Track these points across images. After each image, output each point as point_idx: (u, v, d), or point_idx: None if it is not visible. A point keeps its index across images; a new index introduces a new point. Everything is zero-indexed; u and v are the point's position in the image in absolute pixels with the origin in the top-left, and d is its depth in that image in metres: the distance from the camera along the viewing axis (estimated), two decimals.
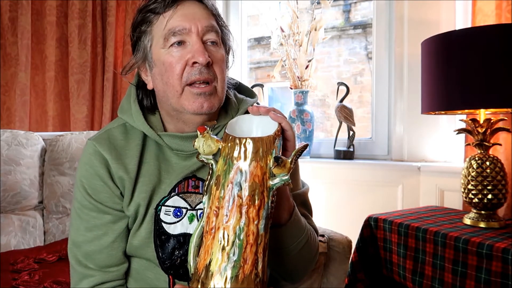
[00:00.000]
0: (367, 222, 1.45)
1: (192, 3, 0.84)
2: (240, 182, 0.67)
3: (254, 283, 0.64)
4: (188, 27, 0.82)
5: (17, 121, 2.20)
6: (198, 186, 0.88)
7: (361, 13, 2.74)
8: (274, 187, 0.68)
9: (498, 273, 1.06)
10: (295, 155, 0.70)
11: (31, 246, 1.63)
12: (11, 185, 1.63)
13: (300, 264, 0.91)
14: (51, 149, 1.74)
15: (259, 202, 0.66)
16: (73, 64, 2.34)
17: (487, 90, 1.20)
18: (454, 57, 1.24)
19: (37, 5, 2.30)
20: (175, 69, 0.82)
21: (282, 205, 0.79)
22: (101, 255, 0.87)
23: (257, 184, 0.67)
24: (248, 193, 0.66)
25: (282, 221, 0.81)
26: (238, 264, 0.64)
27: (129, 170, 0.85)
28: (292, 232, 0.83)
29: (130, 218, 0.87)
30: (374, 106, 2.08)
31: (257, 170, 0.67)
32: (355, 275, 1.40)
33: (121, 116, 0.91)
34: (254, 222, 0.65)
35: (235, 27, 2.61)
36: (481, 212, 1.29)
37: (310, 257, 0.93)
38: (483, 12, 1.54)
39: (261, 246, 0.66)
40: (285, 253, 0.85)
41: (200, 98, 0.82)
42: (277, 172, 0.67)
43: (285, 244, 0.84)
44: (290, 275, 0.93)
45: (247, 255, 0.64)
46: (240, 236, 0.65)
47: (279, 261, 0.86)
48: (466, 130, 1.34)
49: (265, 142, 0.69)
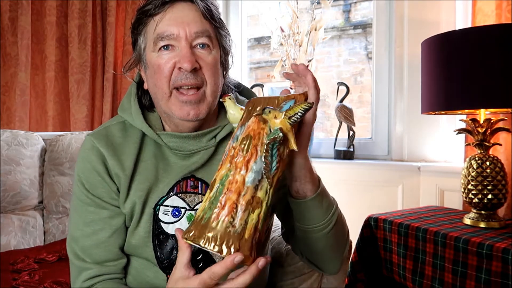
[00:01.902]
0: (367, 222, 1.45)
1: (184, 5, 0.82)
2: (238, 135, 0.68)
3: (225, 231, 0.61)
4: (176, 33, 0.80)
5: (17, 121, 2.20)
6: (197, 186, 0.87)
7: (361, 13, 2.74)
8: (268, 141, 0.64)
9: (498, 273, 1.06)
10: (293, 111, 0.66)
11: (31, 246, 1.62)
12: (11, 185, 1.63)
13: (335, 246, 0.87)
14: (51, 149, 1.74)
15: (250, 154, 0.65)
16: (73, 64, 2.34)
17: (487, 90, 1.20)
18: (454, 57, 1.24)
19: (37, 5, 2.30)
20: (163, 72, 0.81)
21: (304, 176, 0.78)
22: (97, 250, 0.87)
23: (250, 136, 0.66)
24: (239, 143, 0.66)
25: (309, 193, 0.79)
26: (214, 207, 0.63)
27: (125, 167, 0.85)
28: (322, 205, 0.81)
29: (127, 216, 0.87)
30: (374, 106, 2.08)
31: (254, 124, 0.67)
32: (355, 275, 1.40)
33: (121, 114, 0.91)
34: (240, 172, 0.64)
35: (235, 27, 2.61)
36: (481, 212, 1.29)
37: (343, 239, 0.90)
38: (483, 12, 1.54)
39: (244, 198, 0.63)
40: (317, 231, 0.82)
41: (186, 106, 0.82)
42: (273, 125, 0.66)
43: (316, 219, 0.81)
44: (325, 260, 0.90)
45: (225, 200, 0.63)
46: (224, 182, 0.64)
47: (311, 244, 0.85)
48: (466, 130, 1.34)
49: (271, 100, 0.69)
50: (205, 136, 0.87)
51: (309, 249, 0.88)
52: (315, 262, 0.91)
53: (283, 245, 1.16)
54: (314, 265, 0.92)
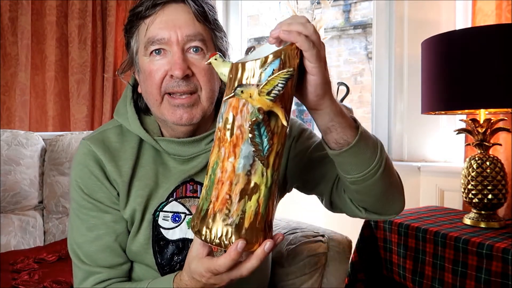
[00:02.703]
0: (367, 222, 1.45)
1: (176, 8, 0.79)
2: (222, 113, 0.59)
3: (223, 224, 0.58)
4: (167, 37, 0.77)
5: (17, 121, 2.20)
6: (196, 190, 0.85)
7: (361, 13, 2.74)
8: (252, 120, 0.56)
9: (498, 273, 1.06)
10: (271, 84, 0.55)
11: (31, 246, 1.62)
12: (11, 185, 1.63)
13: (394, 181, 0.79)
14: (51, 149, 1.74)
15: (235, 137, 0.57)
16: (73, 64, 2.34)
17: (487, 90, 1.20)
18: (454, 57, 1.24)
19: (37, 5, 2.29)
20: (154, 79, 0.78)
21: (339, 124, 0.67)
22: (103, 255, 0.84)
23: (232, 116, 0.57)
24: (223, 126, 0.58)
25: (350, 138, 0.68)
26: (209, 198, 0.60)
27: (122, 173, 0.82)
28: (368, 144, 0.71)
29: (128, 222, 0.85)
30: (374, 106, 2.08)
31: (235, 100, 0.57)
32: (355, 275, 1.40)
33: (117, 118, 0.88)
34: (229, 159, 0.58)
35: (235, 27, 2.61)
36: (481, 212, 1.29)
37: (397, 174, 0.81)
38: (483, 12, 1.54)
39: (237, 187, 0.58)
40: (372, 174, 0.72)
41: (179, 110, 0.78)
42: (250, 103, 0.56)
43: (369, 161, 0.71)
44: (390, 201, 0.81)
45: (217, 193, 0.59)
46: (215, 171, 0.59)
47: (371, 190, 0.75)
48: (466, 130, 1.34)
49: (248, 67, 0.56)
50: (204, 140, 0.85)
51: (369, 198, 0.79)
52: (378, 210, 0.82)
53: (284, 245, 1.16)
54: (377, 214, 0.83)
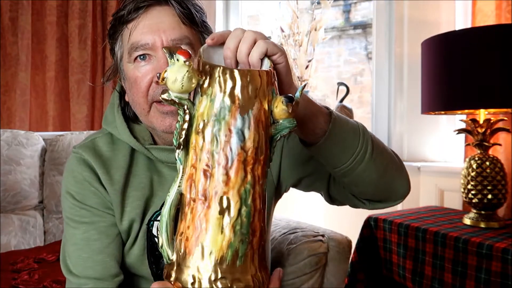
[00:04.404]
0: (367, 222, 1.45)
1: (160, 10, 0.74)
2: (242, 129, 0.50)
3: (261, 262, 0.52)
4: (152, 42, 0.73)
5: (17, 121, 2.20)
6: None
7: (361, 13, 2.74)
8: (277, 136, 0.52)
9: (498, 273, 1.06)
10: (301, 93, 0.53)
11: (31, 246, 1.63)
12: (11, 185, 1.63)
13: (389, 163, 0.73)
14: (51, 149, 1.74)
15: (264, 156, 0.52)
16: (73, 64, 2.34)
17: (487, 90, 1.20)
18: (454, 57, 1.24)
19: (37, 5, 2.29)
20: (140, 87, 0.74)
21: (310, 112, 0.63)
22: (93, 263, 0.79)
23: (262, 133, 0.51)
24: (253, 145, 0.50)
25: (325, 125, 0.64)
26: (247, 238, 0.50)
27: (114, 181, 0.79)
28: (348, 126, 0.67)
29: (123, 234, 0.80)
30: (374, 106, 2.09)
31: (260, 113, 0.51)
32: (355, 275, 1.40)
33: (105, 127, 0.84)
34: (260, 182, 0.51)
35: (235, 27, 2.61)
36: (481, 212, 1.29)
37: (392, 155, 0.75)
38: (483, 12, 1.54)
39: (265, 211, 0.53)
40: (359, 161, 0.68)
41: (168, 118, 0.74)
42: (282, 116, 0.52)
43: (351, 147, 0.67)
44: (389, 185, 0.75)
45: (255, 225, 0.51)
46: (247, 201, 0.50)
47: (364, 178, 0.71)
48: (466, 130, 1.34)
49: (267, 76, 0.51)
50: None
51: (368, 187, 0.74)
52: (381, 197, 0.78)
53: (284, 245, 1.16)
54: (382, 202, 0.79)
